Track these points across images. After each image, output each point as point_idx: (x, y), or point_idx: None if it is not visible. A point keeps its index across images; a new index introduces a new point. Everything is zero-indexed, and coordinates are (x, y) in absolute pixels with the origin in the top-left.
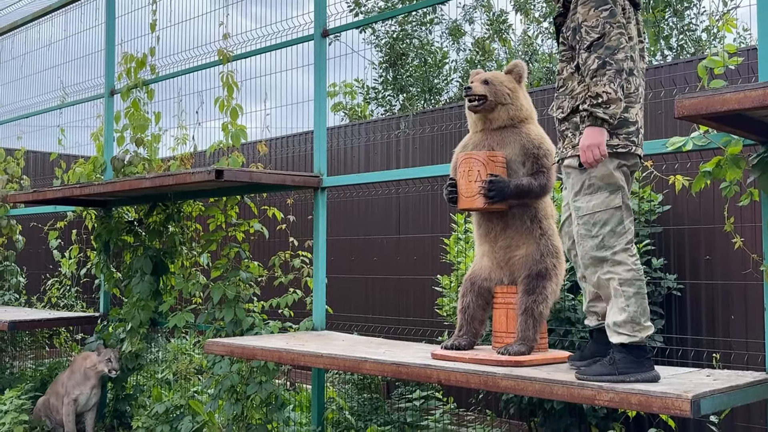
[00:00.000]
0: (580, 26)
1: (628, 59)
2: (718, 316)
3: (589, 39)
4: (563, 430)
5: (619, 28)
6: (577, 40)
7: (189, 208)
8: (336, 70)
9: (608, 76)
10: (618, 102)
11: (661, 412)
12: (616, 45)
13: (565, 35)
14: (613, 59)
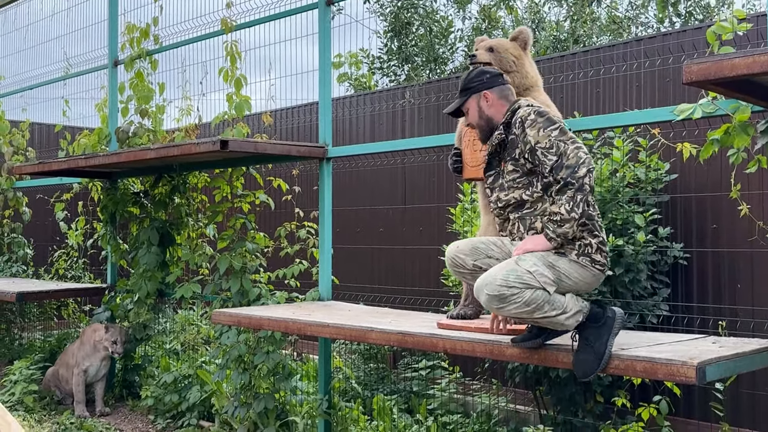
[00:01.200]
0: (535, 148)
1: (590, 173)
2: (725, 284)
3: (549, 162)
4: (568, 399)
5: (574, 143)
6: (536, 164)
7: (194, 180)
8: (340, 41)
9: (567, 195)
10: (572, 222)
11: (666, 379)
12: (575, 162)
13: (517, 160)
14: (574, 178)
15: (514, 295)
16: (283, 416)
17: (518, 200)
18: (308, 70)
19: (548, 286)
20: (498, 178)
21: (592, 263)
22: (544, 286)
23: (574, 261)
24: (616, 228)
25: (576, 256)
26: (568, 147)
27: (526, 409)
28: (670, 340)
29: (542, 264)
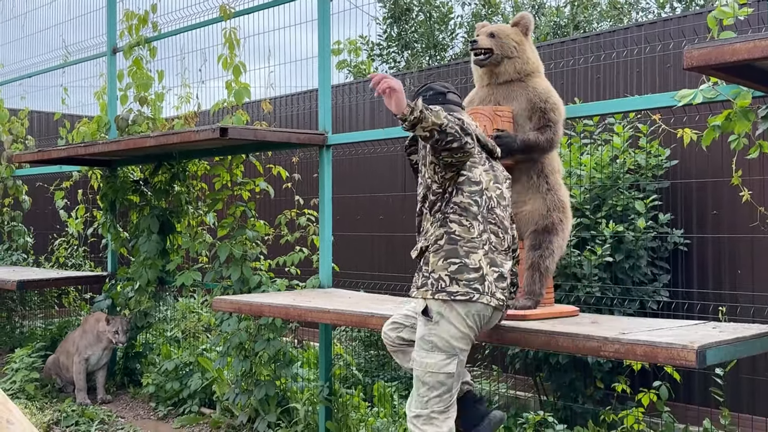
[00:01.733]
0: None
1: (454, 120)
2: (725, 269)
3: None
4: (568, 385)
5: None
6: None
7: (194, 168)
8: (339, 27)
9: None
10: (437, 120)
11: (667, 363)
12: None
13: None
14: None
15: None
16: (284, 403)
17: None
18: (307, 57)
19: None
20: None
21: (451, 295)
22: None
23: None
24: (616, 214)
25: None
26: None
27: (526, 395)
28: (670, 326)
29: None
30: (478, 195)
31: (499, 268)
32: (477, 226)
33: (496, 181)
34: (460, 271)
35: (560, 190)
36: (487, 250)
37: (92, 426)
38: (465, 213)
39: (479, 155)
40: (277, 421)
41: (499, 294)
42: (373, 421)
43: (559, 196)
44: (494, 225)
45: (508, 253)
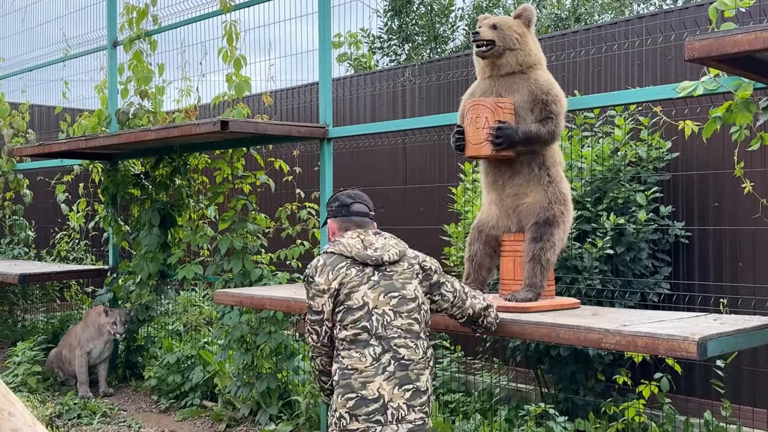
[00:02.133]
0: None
1: (313, 357)
2: (726, 261)
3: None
4: (569, 377)
5: (311, 324)
6: None
7: (195, 161)
8: (340, 20)
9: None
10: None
11: (668, 354)
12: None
13: None
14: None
15: None
16: (285, 396)
17: None
18: (308, 50)
19: None
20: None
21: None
22: None
23: None
24: (617, 207)
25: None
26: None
27: (527, 387)
28: (671, 318)
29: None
30: (366, 319)
31: (414, 383)
32: (370, 353)
33: (389, 291)
34: (356, 406)
35: (561, 182)
36: (391, 371)
37: (94, 419)
38: (354, 344)
39: (359, 276)
40: (279, 413)
41: (413, 415)
42: None
43: (560, 188)
44: (398, 338)
45: (426, 361)
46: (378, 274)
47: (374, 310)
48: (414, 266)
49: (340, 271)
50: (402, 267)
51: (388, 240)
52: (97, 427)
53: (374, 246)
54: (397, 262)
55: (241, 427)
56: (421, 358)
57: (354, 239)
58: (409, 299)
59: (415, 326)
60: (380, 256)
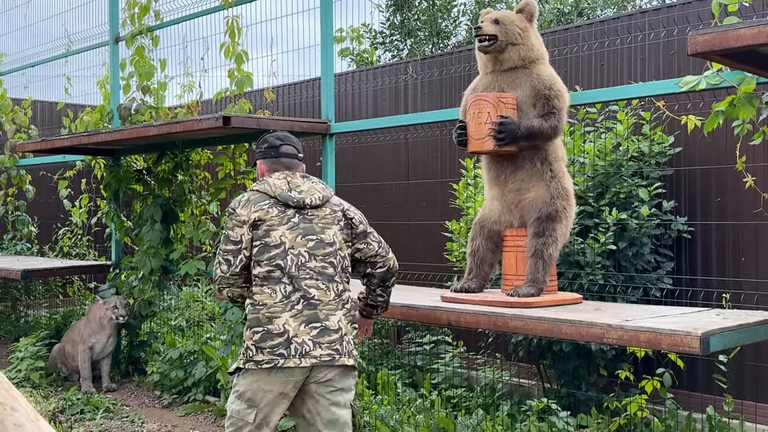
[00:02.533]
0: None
1: (220, 288)
2: (728, 257)
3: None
4: (571, 372)
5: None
6: None
7: (197, 157)
8: (342, 15)
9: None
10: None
11: (670, 349)
12: (214, 273)
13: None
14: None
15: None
16: None
17: None
18: (310, 45)
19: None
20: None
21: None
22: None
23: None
24: (619, 202)
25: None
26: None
27: (529, 382)
28: (673, 313)
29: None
30: (281, 258)
31: (322, 322)
32: (281, 290)
33: (307, 234)
34: (262, 339)
35: (564, 177)
36: (299, 310)
37: (97, 414)
38: (266, 281)
39: (279, 216)
40: None
41: (320, 350)
42: (377, 408)
43: (562, 183)
44: (310, 279)
45: (339, 303)
46: (299, 216)
47: (290, 250)
48: (337, 213)
49: (263, 208)
50: (324, 212)
51: (315, 184)
52: (100, 422)
53: (300, 188)
54: (319, 207)
55: None
56: (332, 300)
57: (280, 180)
58: (326, 243)
59: (329, 269)
60: (302, 199)
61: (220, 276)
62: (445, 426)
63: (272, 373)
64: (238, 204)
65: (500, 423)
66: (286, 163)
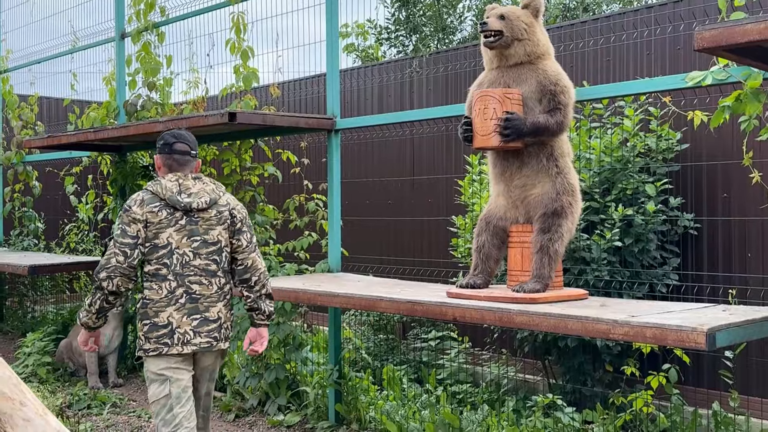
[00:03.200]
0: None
1: (110, 277)
2: (735, 252)
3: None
4: (577, 368)
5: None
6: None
7: (203, 153)
8: (347, 10)
9: (90, 293)
10: (85, 312)
11: (676, 345)
12: (104, 263)
13: None
14: (97, 276)
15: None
16: (293, 386)
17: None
18: (315, 41)
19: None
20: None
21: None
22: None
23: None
24: (625, 198)
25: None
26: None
27: (535, 378)
28: (679, 309)
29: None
30: (167, 257)
31: (203, 314)
32: (166, 286)
33: (192, 235)
34: (149, 330)
35: (570, 173)
36: (182, 304)
37: (104, 409)
38: (154, 278)
39: (168, 218)
40: (287, 404)
41: (200, 338)
42: (383, 404)
43: (568, 179)
44: (193, 276)
45: (221, 295)
46: (186, 218)
47: (176, 250)
48: (223, 213)
49: (153, 210)
50: (210, 214)
51: (205, 186)
52: (107, 417)
53: (189, 191)
54: (206, 210)
55: (249, 417)
56: (213, 293)
57: (172, 182)
58: (209, 243)
59: (212, 266)
60: (190, 203)
61: (116, 265)
62: (450, 421)
63: (160, 358)
64: (134, 203)
65: (506, 418)
66: (178, 159)
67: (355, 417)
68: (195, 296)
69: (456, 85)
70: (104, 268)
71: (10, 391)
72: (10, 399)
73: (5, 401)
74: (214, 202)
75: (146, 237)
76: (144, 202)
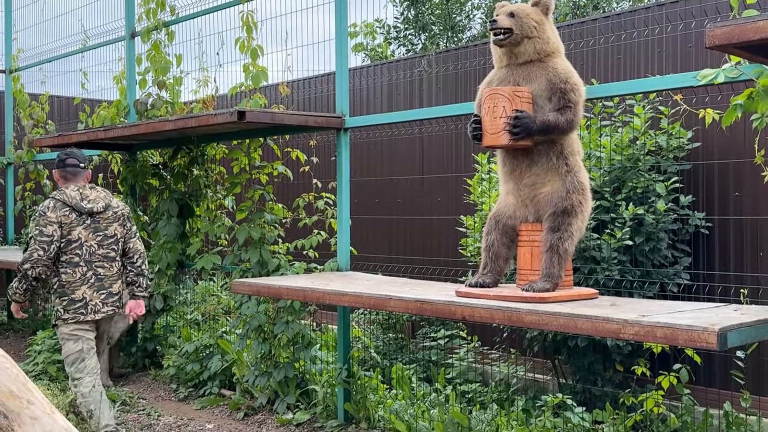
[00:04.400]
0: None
1: (33, 267)
2: (747, 251)
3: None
4: (587, 367)
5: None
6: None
7: (213, 151)
8: (357, 9)
9: (17, 278)
10: (13, 291)
11: (687, 345)
12: (27, 257)
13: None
14: (22, 267)
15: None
16: (303, 385)
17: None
18: (324, 39)
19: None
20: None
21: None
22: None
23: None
24: (635, 196)
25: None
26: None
27: (544, 377)
28: (690, 308)
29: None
30: (79, 248)
31: (107, 289)
32: (79, 271)
33: (96, 231)
34: (69, 304)
35: (580, 172)
36: (92, 283)
37: (114, 407)
38: (69, 265)
39: (77, 220)
40: (296, 402)
41: (107, 308)
42: (392, 403)
43: (578, 178)
44: (98, 262)
45: (119, 275)
46: (90, 219)
47: (85, 243)
48: (117, 213)
49: (65, 214)
50: (107, 215)
51: (99, 193)
52: (117, 415)
53: (89, 198)
54: (103, 212)
55: (258, 415)
56: (114, 274)
57: (75, 192)
58: (109, 237)
59: (111, 254)
60: (91, 208)
61: (38, 258)
62: (459, 421)
63: (76, 323)
64: (47, 209)
65: (515, 418)
66: (71, 171)
67: (364, 416)
68: (101, 277)
69: (465, 84)
70: (28, 260)
71: (18, 389)
72: (17, 397)
73: (13, 399)
74: (108, 205)
75: (62, 234)
76: (56, 208)
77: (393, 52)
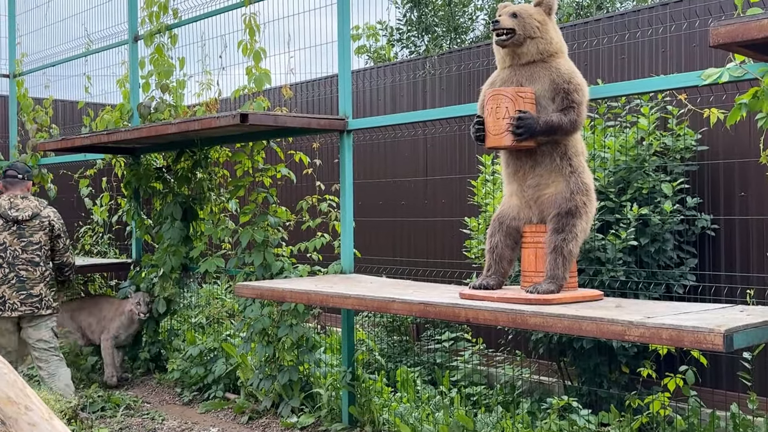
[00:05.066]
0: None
1: None
2: (753, 252)
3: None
4: (593, 369)
5: None
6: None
7: (216, 154)
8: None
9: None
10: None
11: (693, 347)
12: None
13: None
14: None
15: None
16: (307, 388)
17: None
18: (327, 41)
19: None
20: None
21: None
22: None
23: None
24: (641, 197)
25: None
26: None
27: (550, 380)
28: (696, 309)
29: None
30: (3, 252)
31: (28, 290)
32: (2, 272)
33: (21, 237)
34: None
35: (584, 172)
36: (13, 283)
37: (118, 411)
38: None
39: (3, 225)
40: (301, 405)
41: (24, 307)
42: (396, 406)
43: (582, 178)
44: (21, 265)
45: (42, 279)
46: (16, 225)
47: (9, 247)
48: (44, 222)
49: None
50: (33, 223)
51: (30, 203)
52: (121, 419)
53: (18, 207)
54: (29, 220)
55: (263, 419)
56: (37, 277)
57: (6, 201)
58: (33, 243)
59: (35, 258)
60: (17, 216)
61: None
62: (464, 424)
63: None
64: None
65: (520, 421)
66: (10, 181)
67: (369, 419)
68: (22, 279)
69: (468, 85)
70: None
71: (16, 395)
72: (15, 403)
73: (11, 405)
74: (36, 214)
75: None
76: None
77: (396, 54)
